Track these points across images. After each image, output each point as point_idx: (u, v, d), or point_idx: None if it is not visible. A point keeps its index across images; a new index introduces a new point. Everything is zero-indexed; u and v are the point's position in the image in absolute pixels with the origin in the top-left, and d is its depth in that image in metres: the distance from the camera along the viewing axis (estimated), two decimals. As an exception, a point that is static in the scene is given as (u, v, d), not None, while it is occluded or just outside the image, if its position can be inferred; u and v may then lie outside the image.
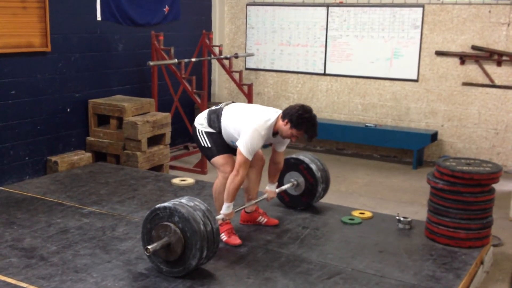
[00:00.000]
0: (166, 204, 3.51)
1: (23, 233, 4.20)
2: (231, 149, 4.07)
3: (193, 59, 7.10)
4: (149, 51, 7.06)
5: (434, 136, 7.11)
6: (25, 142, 5.84)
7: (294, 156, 4.75)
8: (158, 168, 6.48)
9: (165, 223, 3.47)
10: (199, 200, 3.63)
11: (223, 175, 4.02)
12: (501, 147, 6.95)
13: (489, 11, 6.77)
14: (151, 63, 6.51)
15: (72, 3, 6.20)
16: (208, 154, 4.13)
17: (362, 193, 6.03)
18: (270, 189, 4.37)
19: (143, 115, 6.40)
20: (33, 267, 3.62)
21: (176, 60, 6.65)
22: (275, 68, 8.27)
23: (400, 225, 4.44)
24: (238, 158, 3.86)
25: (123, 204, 4.87)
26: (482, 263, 4.00)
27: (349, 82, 7.77)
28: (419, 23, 7.17)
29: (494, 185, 4.10)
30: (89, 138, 6.47)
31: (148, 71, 7.18)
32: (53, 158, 5.99)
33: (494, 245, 4.49)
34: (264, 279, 3.53)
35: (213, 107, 4.19)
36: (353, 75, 7.72)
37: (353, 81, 7.74)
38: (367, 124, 7.47)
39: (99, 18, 6.54)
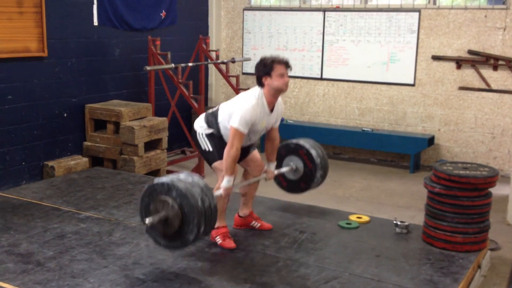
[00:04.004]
0: (164, 179, 3.47)
1: (19, 238, 4.18)
2: None
3: (190, 64, 7.09)
4: (146, 56, 7.06)
5: (431, 141, 7.11)
6: (22, 147, 5.82)
7: (294, 141, 4.66)
8: (155, 173, 6.47)
9: (163, 197, 3.43)
10: (198, 176, 3.59)
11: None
12: (498, 151, 6.96)
13: (485, 16, 6.79)
14: (148, 68, 6.51)
15: (69, 8, 6.19)
16: (209, 158, 4.10)
17: (359, 198, 6.03)
18: (269, 168, 4.31)
19: (140, 120, 6.39)
20: (30, 273, 3.61)
21: (173, 65, 6.65)
22: (272, 72, 8.26)
23: (398, 229, 4.44)
24: (231, 131, 3.83)
25: (120, 209, 4.86)
26: (479, 267, 4.01)
27: (345, 87, 7.78)
28: (416, 28, 7.19)
29: (491, 189, 4.11)
30: (86, 143, 6.46)
31: (145, 76, 7.17)
32: (50, 163, 5.98)
33: (491, 249, 4.49)
34: (261, 284, 3.52)
35: (210, 110, 4.19)
36: (349, 79, 7.73)
37: (350, 85, 7.75)
38: (364, 129, 7.48)
39: (95, 23, 6.54)
